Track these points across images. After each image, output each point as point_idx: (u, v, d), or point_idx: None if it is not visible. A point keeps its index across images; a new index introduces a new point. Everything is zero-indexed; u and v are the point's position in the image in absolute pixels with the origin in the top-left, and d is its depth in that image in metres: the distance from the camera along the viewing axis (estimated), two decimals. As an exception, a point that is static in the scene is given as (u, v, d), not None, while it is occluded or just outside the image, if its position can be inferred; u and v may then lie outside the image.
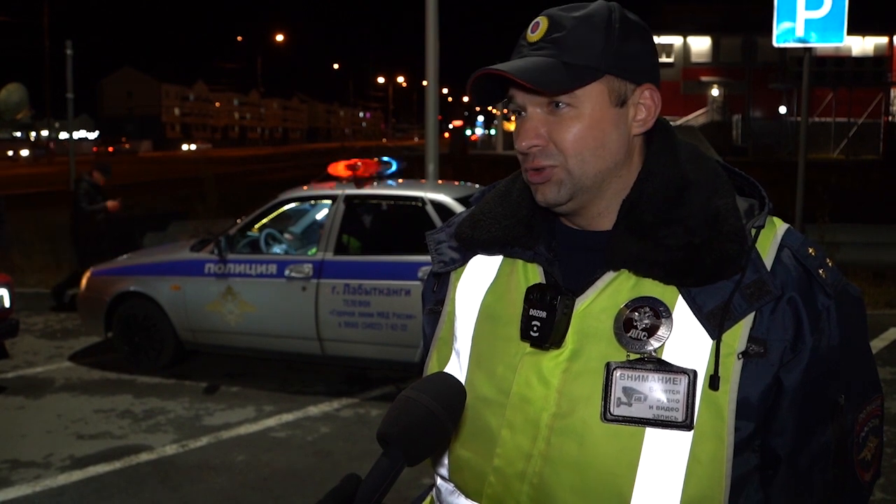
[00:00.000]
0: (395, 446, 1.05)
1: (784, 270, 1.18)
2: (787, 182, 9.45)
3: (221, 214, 12.57)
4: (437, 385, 1.12)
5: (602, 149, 1.22)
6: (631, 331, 1.17)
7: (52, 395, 6.37)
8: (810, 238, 1.26)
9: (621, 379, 1.16)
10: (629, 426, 1.16)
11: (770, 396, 1.17)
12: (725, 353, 1.15)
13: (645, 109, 1.25)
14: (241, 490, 4.65)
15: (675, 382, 1.15)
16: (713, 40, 49.88)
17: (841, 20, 8.44)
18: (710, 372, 1.14)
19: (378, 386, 6.52)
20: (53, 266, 11.44)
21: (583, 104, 1.21)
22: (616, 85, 1.22)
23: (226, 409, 5.97)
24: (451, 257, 1.39)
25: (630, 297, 1.19)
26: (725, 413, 1.14)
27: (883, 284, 9.66)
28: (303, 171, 27.02)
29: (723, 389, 1.14)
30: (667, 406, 1.15)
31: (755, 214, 1.23)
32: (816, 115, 40.92)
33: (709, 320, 1.15)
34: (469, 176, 16.67)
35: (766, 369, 1.15)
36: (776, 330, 1.16)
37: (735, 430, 1.14)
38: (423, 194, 6.25)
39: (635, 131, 1.25)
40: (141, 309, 6.84)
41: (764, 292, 1.16)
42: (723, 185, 1.24)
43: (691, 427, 1.14)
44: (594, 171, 1.22)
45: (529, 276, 1.28)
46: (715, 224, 1.18)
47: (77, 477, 4.81)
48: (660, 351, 1.16)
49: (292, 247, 6.94)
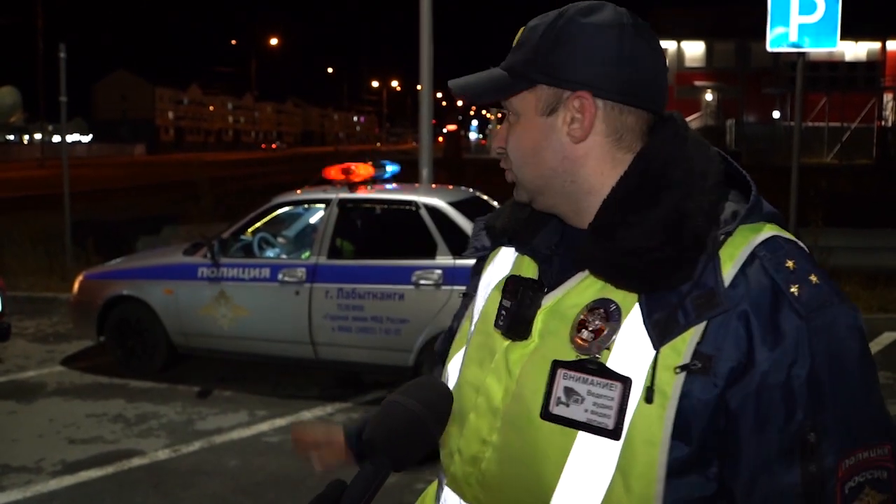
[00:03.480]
0: (380, 452, 1.04)
1: (745, 282, 1.09)
2: (781, 186, 9.46)
3: (215, 218, 12.54)
4: (423, 389, 1.12)
5: (535, 156, 1.23)
6: (582, 331, 1.16)
7: (44, 399, 6.34)
8: (804, 251, 1.15)
9: (564, 378, 1.15)
10: (564, 427, 1.13)
11: (716, 420, 1.07)
12: (664, 366, 1.08)
13: (577, 118, 1.19)
14: (234, 495, 4.63)
15: (610, 388, 1.11)
16: (707, 45, 50.08)
17: (834, 25, 8.47)
18: (647, 383, 1.08)
19: (371, 390, 6.51)
20: (46, 270, 11.40)
21: (518, 112, 1.23)
22: (545, 93, 1.20)
23: (219, 414, 5.95)
24: (483, 244, 1.43)
25: (594, 298, 1.17)
26: (659, 429, 1.07)
27: (876, 288, 9.68)
28: (296, 175, 27.03)
29: (658, 403, 1.07)
30: (600, 412, 1.11)
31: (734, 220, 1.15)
32: (810, 120, 41.04)
33: (653, 328, 1.10)
34: (463, 180, 16.68)
35: (710, 388, 1.06)
36: (726, 347, 1.07)
37: (670, 450, 1.06)
38: (417, 198, 6.24)
39: (571, 140, 1.20)
40: (134, 313, 6.81)
41: (712, 304, 1.08)
42: (705, 187, 1.16)
43: (619, 437, 1.09)
44: (532, 176, 1.24)
45: (524, 269, 1.30)
46: (675, 228, 1.12)
47: (68, 482, 4.78)
48: (605, 355, 1.13)
49: (286, 251, 6.93)
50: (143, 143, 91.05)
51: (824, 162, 39.14)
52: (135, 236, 11.77)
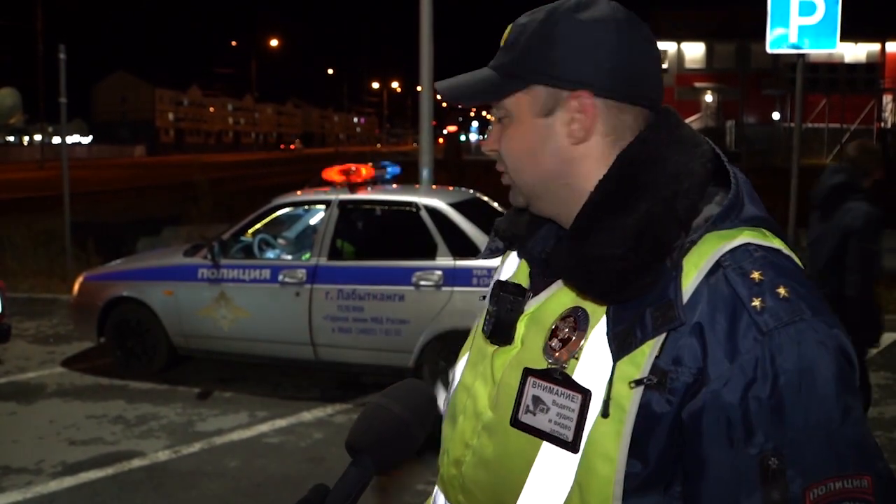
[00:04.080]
0: (363, 454, 1.04)
1: (708, 294, 1.03)
2: (781, 188, 9.46)
3: (215, 219, 12.54)
4: (406, 392, 1.11)
5: (532, 158, 1.18)
6: (552, 340, 1.14)
7: (44, 400, 6.34)
8: (778, 259, 1.06)
9: (533, 387, 1.14)
10: (529, 435, 1.12)
11: (672, 436, 1.02)
12: (620, 379, 1.04)
13: (577, 118, 1.15)
14: (234, 496, 4.63)
15: (572, 399, 1.08)
16: (707, 46, 50.10)
17: (834, 26, 8.46)
18: (605, 397, 1.05)
19: (371, 391, 6.51)
20: (46, 271, 11.40)
21: (511, 114, 1.19)
22: (540, 94, 1.16)
23: (219, 415, 5.95)
24: (496, 246, 1.39)
25: (569, 305, 1.15)
26: (615, 445, 1.03)
27: (877, 289, 9.66)
28: (296, 176, 27.02)
29: (615, 418, 1.04)
30: (561, 423, 1.09)
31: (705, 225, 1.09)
32: (809, 121, 41.05)
33: (613, 341, 1.07)
34: (463, 181, 16.66)
35: (665, 405, 1.02)
36: (683, 361, 1.01)
37: (626, 467, 1.03)
38: (418, 199, 6.24)
39: (570, 141, 1.16)
40: (134, 314, 6.82)
41: (669, 317, 1.03)
42: (684, 189, 1.09)
43: (576, 449, 1.06)
44: (530, 180, 1.20)
45: (519, 274, 1.30)
46: (638, 235, 1.06)
47: (69, 483, 4.78)
48: (572, 365, 1.10)
49: (286, 252, 6.93)
50: (143, 144, 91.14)
51: (824, 163, 39.12)
52: (135, 238, 11.78)
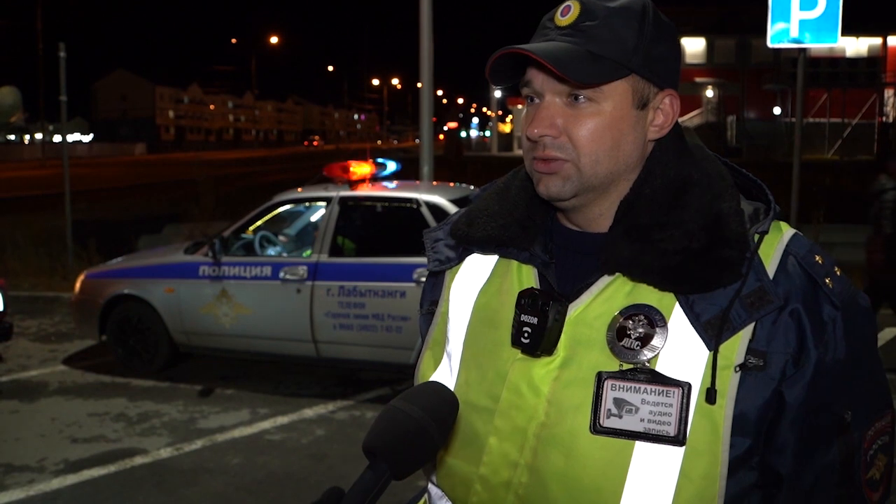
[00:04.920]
0: (381, 459, 1.01)
1: (787, 279, 1.12)
2: (782, 183, 9.45)
3: (216, 216, 12.55)
4: (428, 396, 1.08)
5: (616, 150, 1.17)
6: (624, 339, 1.12)
7: (46, 398, 6.35)
8: (817, 245, 1.20)
9: (612, 390, 1.11)
10: (619, 439, 1.11)
11: (769, 412, 1.10)
12: (722, 366, 1.09)
13: (663, 115, 1.20)
14: (236, 493, 4.63)
15: (667, 395, 1.09)
16: (707, 41, 49.99)
17: (835, 21, 8.45)
18: (706, 385, 1.09)
19: (373, 388, 6.51)
20: (47, 269, 11.41)
21: (605, 100, 1.16)
22: (640, 86, 1.17)
23: (220, 412, 5.95)
24: (446, 256, 1.34)
25: (625, 304, 1.14)
26: (721, 429, 1.08)
27: (877, 284, 9.66)
28: (297, 173, 27.04)
29: (719, 404, 1.08)
30: (658, 419, 1.09)
31: (760, 219, 1.17)
32: (811, 116, 41.01)
33: (706, 330, 1.10)
34: (464, 178, 16.66)
35: (766, 383, 1.09)
36: (777, 342, 1.10)
37: (731, 447, 1.09)
38: (418, 196, 6.24)
39: (651, 136, 1.20)
40: (135, 312, 6.82)
41: (765, 302, 1.10)
42: (727, 187, 1.19)
43: (683, 442, 1.08)
44: (605, 171, 1.17)
45: (524, 278, 1.24)
46: (715, 228, 1.13)
47: (71, 481, 4.79)
48: (653, 361, 1.11)
49: (287, 249, 6.92)
50: (143, 142, 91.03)
51: (825, 158, 39.12)
52: (136, 235, 11.78)
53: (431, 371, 1.33)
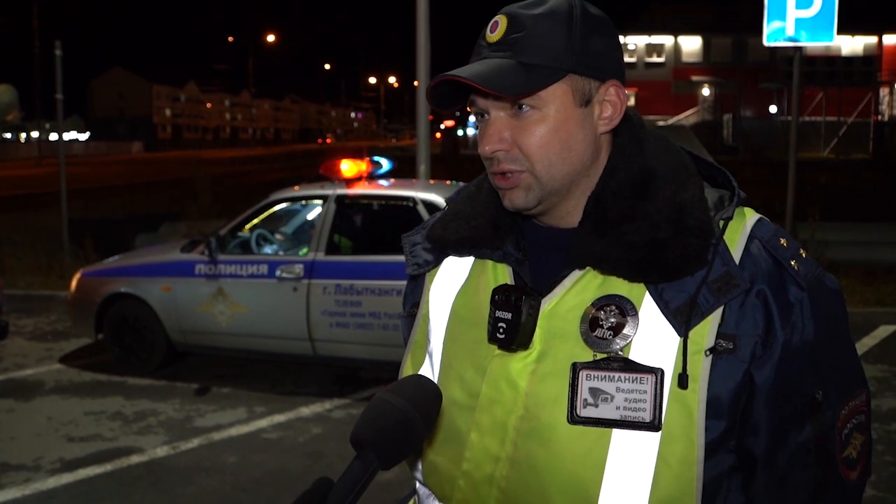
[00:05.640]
0: (368, 449, 1.03)
1: (753, 262, 1.15)
2: (778, 181, 9.47)
3: (213, 215, 12.53)
4: (412, 387, 1.10)
5: (568, 150, 1.18)
6: (597, 330, 1.15)
7: (43, 397, 6.34)
8: (782, 229, 1.22)
9: (587, 379, 1.14)
10: (596, 428, 1.13)
11: (742, 394, 1.13)
12: (693, 351, 1.11)
13: (611, 107, 1.21)
14: (233, 492, 4.63)
15: (641, 382, 1.12)
16: (704, 40, 50.01)
17: (831, 19, 8.47)
18: (678, 370, 1.11)
19: (369, 386, 6.51)
20: (44, 268, 11.39)
21: (546, 106, 1.17)
22: (580, 84, 1.18)
23: (217, 411, 5.95)
24: (424, 259, 1.37)
25: (597, 296, 1.16)
26: (695, 413, 1.10)
27: (873, 283, 9.69)
28: (294, 171, 27.01)
29: (691, 388, 1.11)
30: (634, 406, 1.12)
31: (724, 205, 1.20)
32: (806, 115, 41.03)
33: (675, 317, 1.12)
34: (461, 176, 16.66)
35: (737, 366, 1.12)
36: (746, 325, 1.12)
37: (706, 430, 1.11)
38: (414, 194, 6.24)
39: (602, 129, 1.21)
40: (131, 310, 6.81)
41: (731, 286, 1.12)
42: (690, 177, 1.21)
43: (659, 428, 1.11)
44: (562, 174, 1.19)
45: (498, 276, 1.26)
46: (679, 218, 1.15)
47: (67, 480, 4.78)
48: (626, 350, 1.13)
49: (283, 247, 6.92)
50: (140, 140, 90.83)
51: (821, 156, 39.15)
52: (133, 234, 11.76)
53: (413, 372, 1.35)
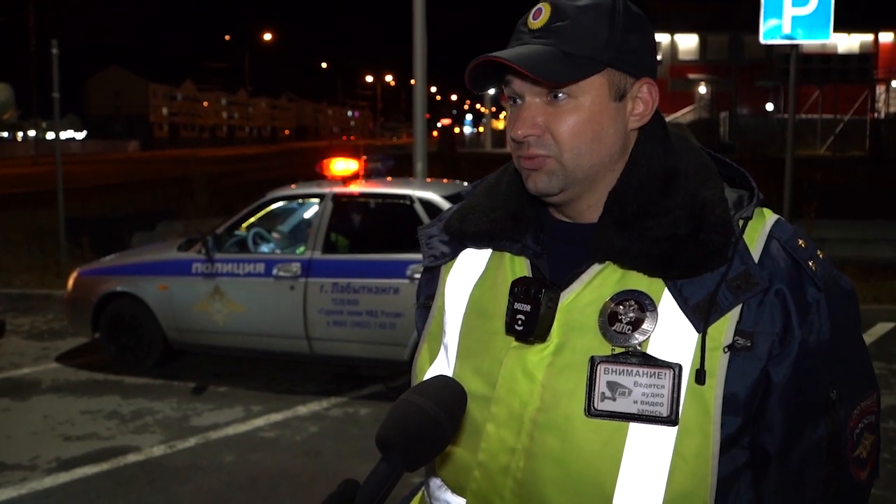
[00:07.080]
0: (394, 451, 1.03)
1: (772, 262, 1.16)
2: (775, 178, 9.47)
3: (209, 214, 12.52)
4: (440, 390, 1.10)
5: (598, 142, 1.20)
6: (615, 324, 1.16)
7: (39, 396, 6.33)
8: (801, 230, 1.24)
9: (605, 373, 1.15)
10: (613, 421, 1.14)
11: (758, 391, 1.14)
12: (711, 347, 1.12)
13: (643, 104, 1.23)
14: (230, 490, 4.63)
15: (659, 377, 1.13)
16: (700, 38, 50.04)
17: (827, 17, 8.47)
18: (695, 366, 1.12)
19: (367, 385, 6.51)
20: (40, 266, 11.37)
21: (582, 96, 1.19)
22: (616, 78, 1.20)
23: (214, 410, 5.94)
24: (441, 251, 1.38)
25: (615, 290, 1.18)
26: (711, 408, 1.12)
27: (870, 280, 9.71)
28: (291, 169, 26.98)
29: (709, 384, 1.12)
30: (651, 401, 1.13)
31: (744, 205, 1.21)
32: (803, 112, 41.05)
33: (694, 313, 1.13)
34: (458, 174, 16.65)
35: (754, 363, 1.13)
36: (764, 323, 1.13)
37: (721, 426, 1.12)
38: (412, 192, 6.24)
39: (632, 125, 1.23)
40: (128, 309, 6.80)
41: (750, 284, 1.14)
42: (711, 176, 1.23)
43: (676, 422, 1.12)
44: (588, 164, 1.21)
45: (517, 269, 1.27)
46: (701, 215, 1.17)
47: (63, 479, 4.78)
48: (645, 345, 1.14)
49: (280, 246, 6.91)
50: (137, 139, 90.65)
51: (818, 154, 39.17)
52: (129, 233, 11.73)
53: (428, 364, 1.36)
